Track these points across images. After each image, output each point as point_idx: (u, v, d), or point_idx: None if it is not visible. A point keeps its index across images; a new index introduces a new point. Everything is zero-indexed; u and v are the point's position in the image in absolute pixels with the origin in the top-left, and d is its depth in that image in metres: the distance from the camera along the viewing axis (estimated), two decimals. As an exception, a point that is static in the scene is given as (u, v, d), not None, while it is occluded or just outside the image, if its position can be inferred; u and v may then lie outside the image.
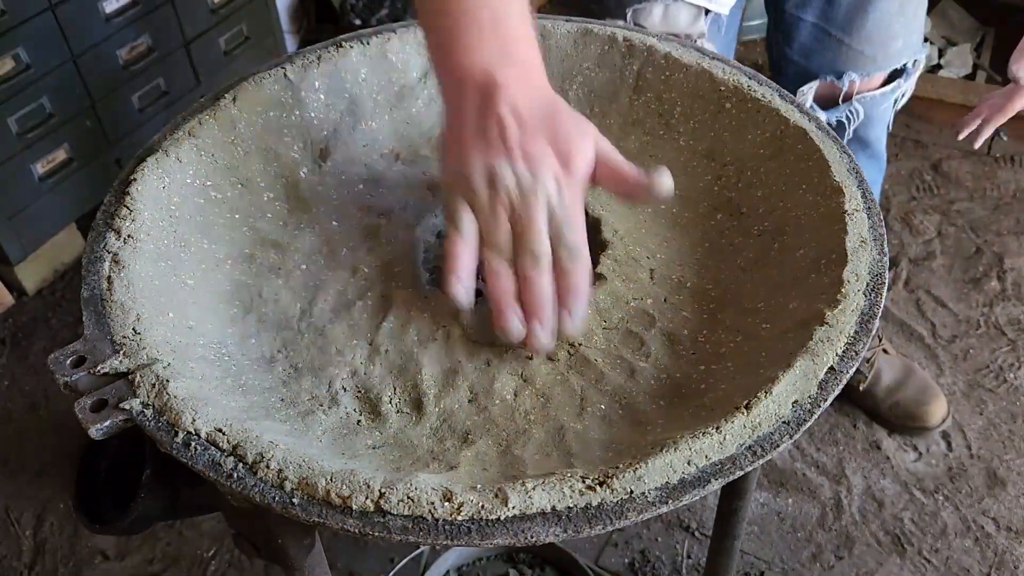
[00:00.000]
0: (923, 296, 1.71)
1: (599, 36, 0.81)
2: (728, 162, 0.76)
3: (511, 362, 0.62)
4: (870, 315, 0.58)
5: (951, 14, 2.32)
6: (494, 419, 0.59)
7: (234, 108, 0.73)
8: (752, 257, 0.69)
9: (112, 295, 0.60)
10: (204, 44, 1.82)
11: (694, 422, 0.55)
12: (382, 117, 0.80)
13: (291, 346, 0.63)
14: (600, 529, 0.48)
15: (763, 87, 0.76)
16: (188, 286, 0.65)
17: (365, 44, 0.79)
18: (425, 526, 0.48)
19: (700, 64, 0.78)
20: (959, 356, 1.60)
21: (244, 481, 0.50)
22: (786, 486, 1.41)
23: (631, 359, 0.62)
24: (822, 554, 1.33)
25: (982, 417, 1.50)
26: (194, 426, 0.52)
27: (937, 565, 1.31)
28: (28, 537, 1.37)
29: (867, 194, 0.67)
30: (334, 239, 0.72)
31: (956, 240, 1.83)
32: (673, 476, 0.50)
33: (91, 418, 0.53)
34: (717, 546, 0.98)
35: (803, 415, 0.53)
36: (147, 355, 0.56)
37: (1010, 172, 1.98)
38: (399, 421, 0.59)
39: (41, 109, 1.56)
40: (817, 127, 0.72)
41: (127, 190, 0.66)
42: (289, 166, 0.75)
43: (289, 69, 0.76)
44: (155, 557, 1.35)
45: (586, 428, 0.58)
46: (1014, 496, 1.39)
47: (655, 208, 0.74)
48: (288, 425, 0.57)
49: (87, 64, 1.61)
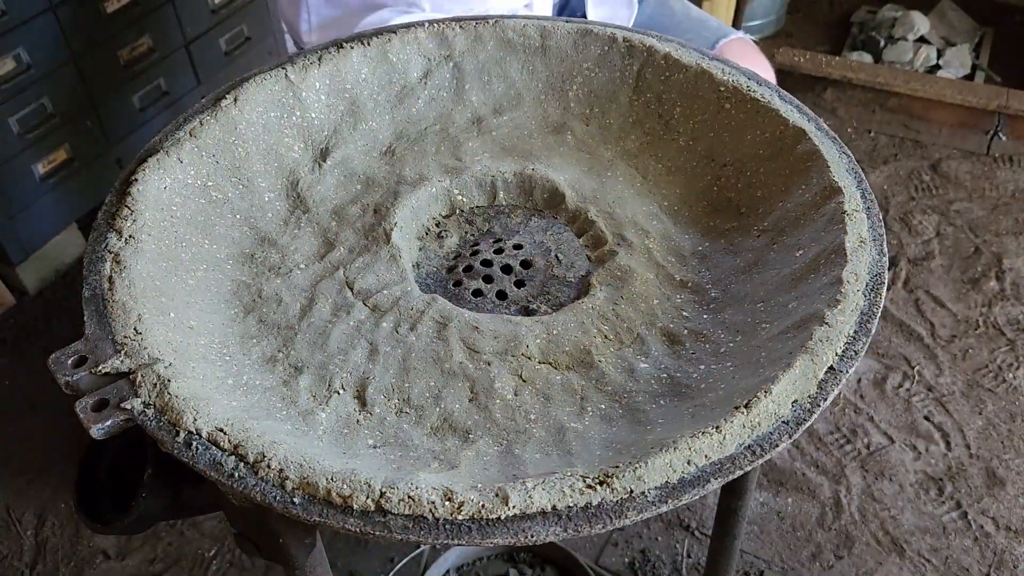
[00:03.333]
0: (922, 296, 1.71)
1: (599, 36, 0.81)
2: (728, 162, 0.76)
3: (511, 362, 0.62)
4: (870, 315, 0.58)
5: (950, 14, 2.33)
6: (494, 419, 0.59)
7: (235, 109, 0.73)
8: (752, 257, 0.69)
9: (113, 295, 0.60)
10: (205, 44, 1.82)
11: (694, 422, 0.55)
12: (382, 117, 0.80)
13: (291, 346, 0.64)
14: (600, 528, 0.48)
15: (762, 87, 0.76)
16: (189, 286, 0.65)
17: (366, 45, 0.79)
18: (426, 525, 0.48)
19: (700, 64, 0.78)
20: (958, 356, 1.60)
21: (245, 481, 0.50)
22: (786, 486, 1.41)
23: (631, 359, 0.63)
24: (822, 553, 1.33)
25: (981, 417, 1.51)
26: (195, 426, 0.52)
27: (937, 565, 1.31)
28: (29, 537, 1.37)
29: (867, 194, 0.67)
30: (334, 239, 0.72)
31: (955, 240, 1.83)
32: (673, 476, 0.50)
33: (92, 418, 0.53)
34: (717, 545, 0.98)
35: (802, 415, 0.53)
36: (148, 355, 0.56)
37: (1009, 172, 1.98)
38: (399, 421, 0.59)
39: (42, 109, 1.56)
40: (817, 127, 0.72)
41: (128, 190, 0.66)
42: (290, 166, 0.76)
43: (290, 70, 0.76)
44: (156, 557, 1.35)
45: (586, 428, 0.58)
46: (1013, 496, 1.39)
47: (654, 208, 0.75)
48: (289, 425, 0.58)
49: (88, 64, 1.61)
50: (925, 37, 2.27)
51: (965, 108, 2.00)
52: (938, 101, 2.01)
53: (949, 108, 2.02)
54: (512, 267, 0.71)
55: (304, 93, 0.76)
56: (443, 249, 0.74)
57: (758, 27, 2.42)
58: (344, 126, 0.78)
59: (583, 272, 0.71)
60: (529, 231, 0.75)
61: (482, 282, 0.70)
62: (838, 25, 2.46)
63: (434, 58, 0.81)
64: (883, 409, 1.52)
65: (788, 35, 2.46)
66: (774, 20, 2.44)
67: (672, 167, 0.78)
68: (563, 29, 0.82)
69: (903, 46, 2.23)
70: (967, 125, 2.02)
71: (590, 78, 0.82)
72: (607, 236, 0.71)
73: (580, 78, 0.82)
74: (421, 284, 0.71)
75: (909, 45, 2.23)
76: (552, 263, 0.72)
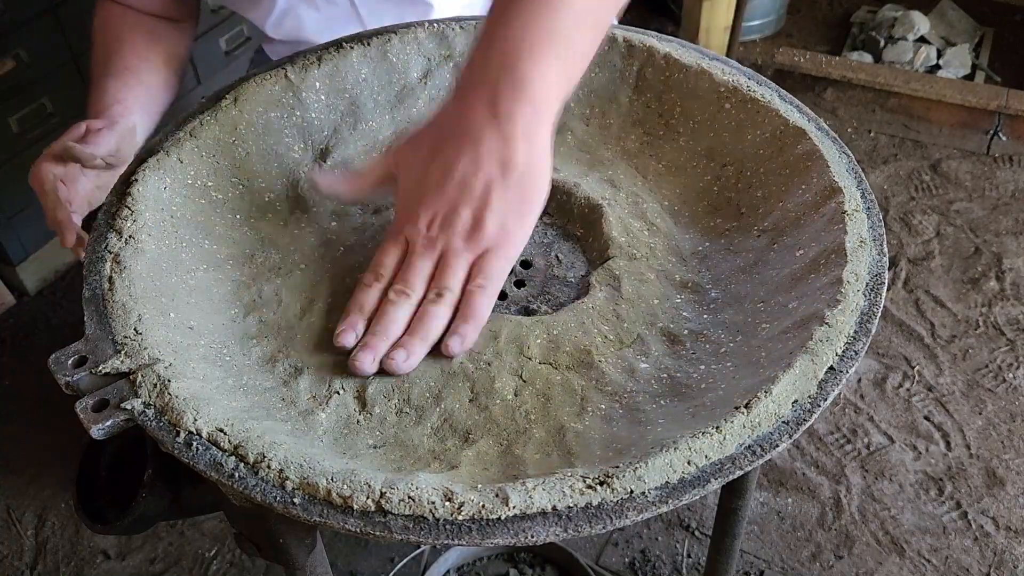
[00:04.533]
0: (922, 296, 1.71)
1: (599, 36, 0.81)
2: (728, 162, 0.76)
3: (511, 362, 0.62)
4: (870, 315, 0.58)
5: (950, 14, 2.33)
6: (495, 419, 0.59)
7: (235, 109, 0.73)
8: (752, 257, 0.69)
9: (113, 295, 0.60)
10: (204, 44, 1.82)
11: (694, 422, 0.55)
12: (382, 117, 0.80)
13: (291, 346, 0.64)
14: (600, 529, 0.48)
15: (763, 87, 0.76)
16: (189, 286, 0.65)
17: (366, 45, 0.79)
18: (426, 526, 0.48)
19: (700, 64, 0.78)
20: (958, 356, 1.60)
21: (245, 481, 0.50)
22: (786, 486, 1.41)
23: (631, 359, 0.63)
24: (822, 553, 1.33)
25: (981, 417, 1.51)
26: (195, 426, 0.52)
27: (937, 565, 1.31)
28: (29, 537, 1.37)
29: (867, 194, 0.67)
30: (334, 239, 0.72)
31: (955, 240, 1.83)
32: (673, 476, 0.50)
33: (92, 418, 0.53)
34: (717, 545, 0.98)
35: (803, 415, 0.53)
36: (148, 355, 0.56)
37: (1009, 172, 1.98)
38: (400, 421, 0.59)
39: (42, 109, 1.56)
40: (817, 127, 0.72)
41: (128, 190, 0.66)
42: (289, 166, 0.76)
43: (290, 70, 0.76)
44: (156, 557, 1.35)
45: (586, 428, 0.58)
46: (1013, 495, 1.39)
47: (654, 208, 0.75)
48: (289, 425, 0.58)
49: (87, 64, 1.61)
50: (925, 37, 2.27)
51: (965, 108, 2.00)
52: (938, 101, 2.01)
53: (949, 108, 2.02)
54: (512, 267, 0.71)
55: (304, 93, 0.76)
56: (443, 249, 0.74)
57: (758, 27, 2.42)
58: (344, 126, 0.78)
59: (583, 272, 0.71)
60: (529, 231, 0.75)
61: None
62: (838, 25, 2.46)
63: (434, 58, 0.81)
64: (883, 409, 1.52)
65: (788, 35, 2.46)
66: (774, 20, 2.43)
67: (672, 167, 0.78)
68: (563, 29, 0.82)
69: (903, 46, 2.23)
70: (967, 125, 2.02)
71: (590, 78, 0.82)
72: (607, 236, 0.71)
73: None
74: (421, 284, 0.71)
75: (909, 45, 2.23)
76: (552, 263, 0.72)
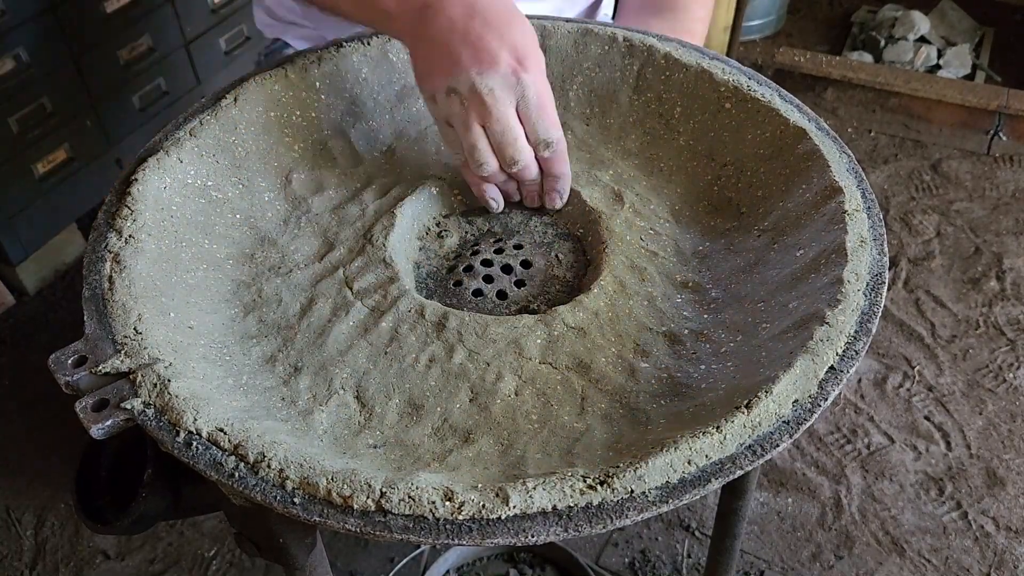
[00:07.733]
0: (922, 296, 1.71)
1: (599, 36, 0.81)
2: (728, 162, 0.76)
3: (512, 362, 0.62)
4: (870, 315, 0.58)
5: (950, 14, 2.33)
6: (495, 418, 0.59)
7: (235, 108, 0.73)
8: (752, 257, 0.69)
9: (113, 295, 0.60)
10: (204, 44, 1.82)
11: (694, 422, 0.55)
12: (383, 117, 0.80)
13: (291, 346, 0.64)
14: (600, 528, 0.48)
15: (763, 87, 0.76)
16: (189, 286, 0.65)
17: (366, 45, 0.79)
18: (426, 525, 0.48)
19: (700, 64, 0.78)
20: (958, 356, 1.60)
21: (245, 481, 0.50)
22: (786, 486, 1.41)
23: (631, 359, 0.63)
24: (822, 554, 1.33)
25: (981, 417, 1.51)
26: (195, 426, 0.52)
27: (937, 565, 1.31)
28: (29, 537, 1.37)
29: (867, 194, 0.67)
30: (334, 239, 0.72)
31: (955, 240, 1.83)
32: (673, 475, 0.50)
33: (92, 418, 0.53)
34: (717, 545, 0.98)
35: (803, 414, 0.53)
36: (148, 355, 0.56)
37: (1009, 172, 1.98)
38: (400, 420, 0.59)
39: (41, 109, 1.56)
40: (817, 127, 0.72)
41: (128, 190, 0.66)
42: (289, 166, 0.76)
43: (290, 69, 0.76)
44: (156, 557, 1.35)
45: (587, 428, 0.58)
46: (1013, 496, 1.39)
47: (655, 208, 0.75)
48: (289, 425, 0.58)
49: (87, 64, 1.61)
50: (925, 37, 2.27)
51: (965, 108, 2.00)
52: (938, 101, 2.02)
53: (949, 108, 2.02)
54: (512, 267, 0.71)
55: (304, 93, 0.76)
56: (443, 249, 0.74)
57: (758, 27, 2.42)
58: (344, 126, 0.78)
59: (583, 272, 0.71)
60: (529, 231, 0.75)
61: (482, 282, 0.70)
62: (838, 25, 2.46)
63: (434, 58, 0.81)
64: (883, 409, 1.52)
65: (788, 35, 2.46)
66: (774, 20, 2.44)
67: (672, 167, 0.78)
68: (563, 29, 0.82)
69: (903, 46, 2.23)
70: (967, 125, 2.02)
71: (590, 78, 0.82)
72: (607, 236, 0.71)
73: (580, 78, 0.82)
74: (421, 284, 0.71)
75: (909, 45, 2.23)
76: (552, 263, 0.72)
